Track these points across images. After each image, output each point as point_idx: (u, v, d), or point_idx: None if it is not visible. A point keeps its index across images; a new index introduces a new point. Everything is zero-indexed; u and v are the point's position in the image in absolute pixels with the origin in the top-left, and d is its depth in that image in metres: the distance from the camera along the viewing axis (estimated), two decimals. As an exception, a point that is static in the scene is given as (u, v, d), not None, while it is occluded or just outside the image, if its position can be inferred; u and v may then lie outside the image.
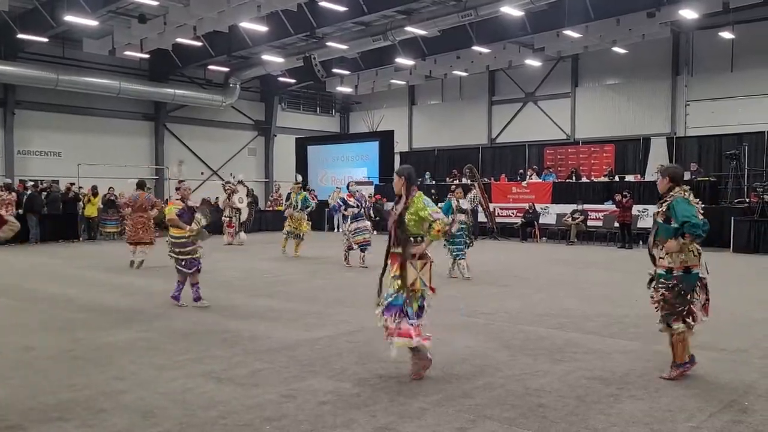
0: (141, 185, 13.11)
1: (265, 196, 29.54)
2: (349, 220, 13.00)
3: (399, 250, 5.16)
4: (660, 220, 5.17)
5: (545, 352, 6.12)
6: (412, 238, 5.15)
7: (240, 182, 19.20)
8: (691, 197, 5.14)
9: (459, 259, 11.01)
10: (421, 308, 5.21)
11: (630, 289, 10.10)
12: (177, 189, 9.03)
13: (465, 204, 11.47)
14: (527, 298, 9.35)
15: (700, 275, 5.13)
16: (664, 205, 5.15)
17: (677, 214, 4.95)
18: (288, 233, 15.14)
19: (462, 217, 11.03)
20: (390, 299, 5.13)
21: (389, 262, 5.27)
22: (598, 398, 4.75)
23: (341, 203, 13.23)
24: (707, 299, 5.21)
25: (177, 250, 8.40)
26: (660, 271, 5.18)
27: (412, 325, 5.06)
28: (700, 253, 5.12)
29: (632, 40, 21.88)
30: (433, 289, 5.29)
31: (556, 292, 9.93)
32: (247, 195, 19.61)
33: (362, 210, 13.06)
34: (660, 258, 5.17)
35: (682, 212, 4.93)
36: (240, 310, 8.27)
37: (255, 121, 31.55)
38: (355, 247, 12.82)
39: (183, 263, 8.39)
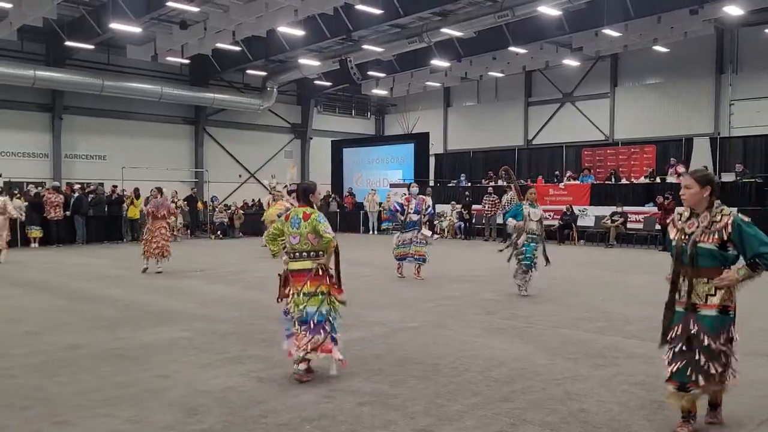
0: (159, 190, 12.89)
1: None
2: (401, 227, 11.61)
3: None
4: (711, 244, 3.85)
5: (585, 356, 6.04)
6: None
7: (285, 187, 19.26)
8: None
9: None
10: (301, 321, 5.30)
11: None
12: (271, 193, 8.93)
13: (537, 212, 9.60)
14: (565, 300, 9.24)
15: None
16: (718, 225, 3.85)
17: (748, 240, 3.75)
18: None
19: (533, 225, 9.38)
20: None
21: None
22: (642, 404, 4.67)
23: (398, 207, 11.71)
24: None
25: None
26: (710, 312, 3.90)
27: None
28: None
29: (674, 38, 21.46)
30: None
31: (595, 295, 9.81)
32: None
33: (420, 217, 11.50)
34: (709, 294, 3.91)
35: (758, 237, 3.75)
36: (278, 311, 8.36)
37: (291, 124, 31.86)
38: (404, 261, 11.56)
39: None
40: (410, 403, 4.67)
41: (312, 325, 5.18)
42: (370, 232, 24.65)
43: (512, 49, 22.56)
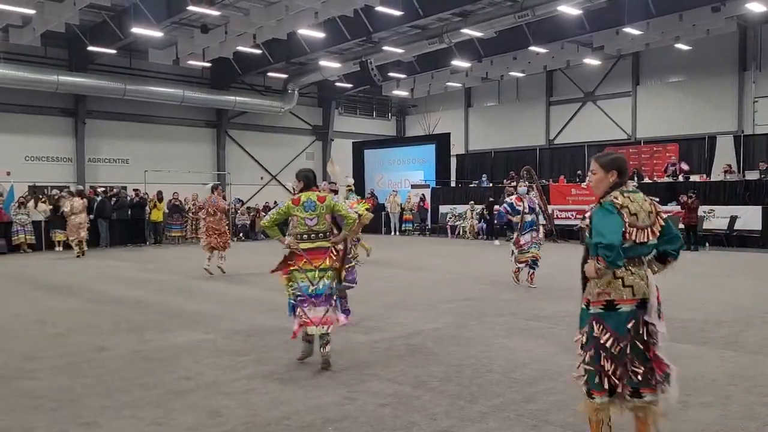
0: (213, 188, 13.01)
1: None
2: (517, 229, 10.62)
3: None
4: (587, 233, 3.54)
5: (608, 357, 5.99)
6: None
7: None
8: (638, 199, 3.46)
9: None
10: (296, 300, 5.70)
11: (696, 293, 9.81)
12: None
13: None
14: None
15: (647, 318, 3.44)
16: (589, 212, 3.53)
17: (593, 229, 3.40)
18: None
19: None
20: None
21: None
22: (665, 405, 4.62)
23: (508, 208, 10.74)
24: (655, 359, 3.44)
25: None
26: (582, 304, 3.57)
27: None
28: (634, 285, 3.41)
29: (696, 36, 21.21)
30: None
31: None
32: None
33: (535, 217, 10.57)
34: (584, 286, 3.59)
35: (597, 226, 3.36)
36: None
37: (313, 126, 31.99)
38: (521, 266, 10.51)
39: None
40: (432, 404, 4.67)
41: (324, 298, 5.62)
42: (392, 233, 24.65)
43: (533, 48, 22.46)
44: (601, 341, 3.35)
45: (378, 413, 4.49)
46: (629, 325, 3.38)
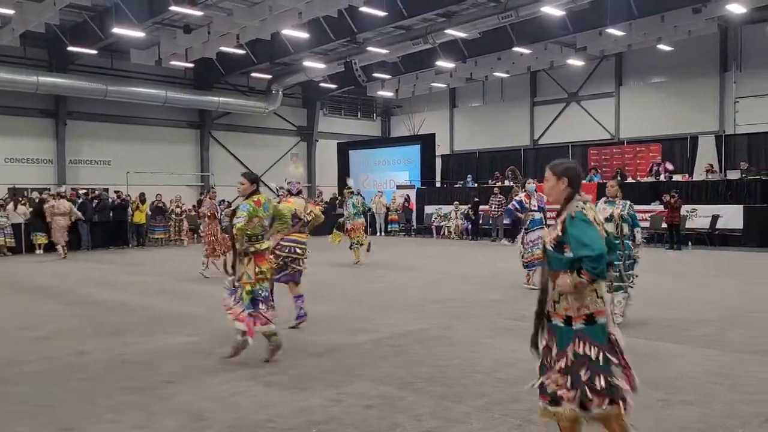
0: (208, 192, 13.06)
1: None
2: (525, 228, 10.43)
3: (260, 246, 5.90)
4: (550, 246, 3.32)
5: (592, 356, 6.01)
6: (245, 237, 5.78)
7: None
8: (596, 209, 3.44)
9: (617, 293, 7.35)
10: (254, 300, 5.78)
11: (679, 292, 9.90)
12: (278, 195, 8.69)
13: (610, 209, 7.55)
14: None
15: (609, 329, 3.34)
16: (558, 222, 3.31)
17: (571, 241, 3.19)
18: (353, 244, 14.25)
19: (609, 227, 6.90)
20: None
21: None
22: (648, 403, 4.64)
23: (517, 205, 10.51)
24: (626, 365, 3.39)
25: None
26: (556, 321, 3.33)
27: (249, 313, 5.74)
28: (604, 295, 3.34)
29: (678, 37, 21.39)
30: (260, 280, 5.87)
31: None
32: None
33: (543, 215, 10.34)
34: (555, 302, 3.32)
35: (580, 238, 3.16)
36: (285, 314, 8.35)
37: (297, 127, 31.89)
38: (534, 268, 9.92)
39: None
40: (417, 405, 4.66)
41: (263, 299, 5.85)
42: (378, 233, 24.64)
43: (517, 49, 22.53)
44: (592, 357, 3.23)
45: (363, 415, 4.48)
46: (608, 336, 3.31)
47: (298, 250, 7.50)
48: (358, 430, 4.20)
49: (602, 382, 3.21)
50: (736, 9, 18.08)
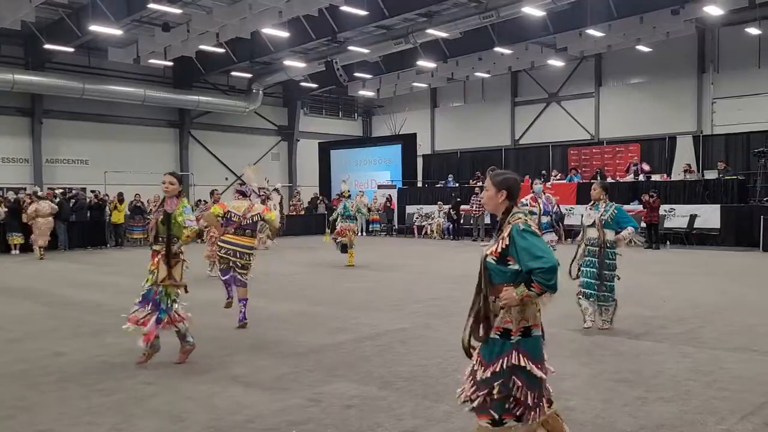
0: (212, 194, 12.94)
1: (289, 201, 29.72)
2: None
3: (157, 247, 5.85)
4: (492, 259, 3.22)
5: (572, 354, 6.06)
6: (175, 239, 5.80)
7: (276, 190, 19.13)
8: (533, 221, 3.34)
9: (600, 303, 7.09)
10: (174, 301, 5.88)
11: (657, 290, 10.00)
12: (259, 195, 8.82)
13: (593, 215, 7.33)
14: (552, 299, 9.24)
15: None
16: (502, 236, 3.20)
17: (520, 254, 3.09)
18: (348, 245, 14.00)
19: (592, 233, 7.19)
20: (144, 291, 5.87)
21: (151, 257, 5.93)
22: (626, 401, 4.69)
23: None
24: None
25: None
26: (492, 334, 3.27)
27: (161, 316, 5.75)
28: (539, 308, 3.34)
29: (656, 38, 21.62)
30: (179, 286, 5.90)
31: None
32: (280, 203, 19.52)
33: (550, 218, 9.78)
34: (496, 315, 3.25)
35: (530, 250, 3.07)
36: (264, 315, 8.32)
37: (278, 127, 31.75)
38: None
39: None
40: (398, 404, 4.65)
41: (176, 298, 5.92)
42: (359, 233, 24.57)
43: (497, 49, 22.63)
44: (527, 369, 3.19)
45: (343, 415, 4.46)
46: (542, 349, 3.28)
47: (238, 254, 7.42)
48: (338, 430, 4.18)
49: (527, 398, 3.17)
50: (714, 11, 18.32)
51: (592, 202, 7.46)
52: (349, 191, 15.31)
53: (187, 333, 5.94)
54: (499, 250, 3.17)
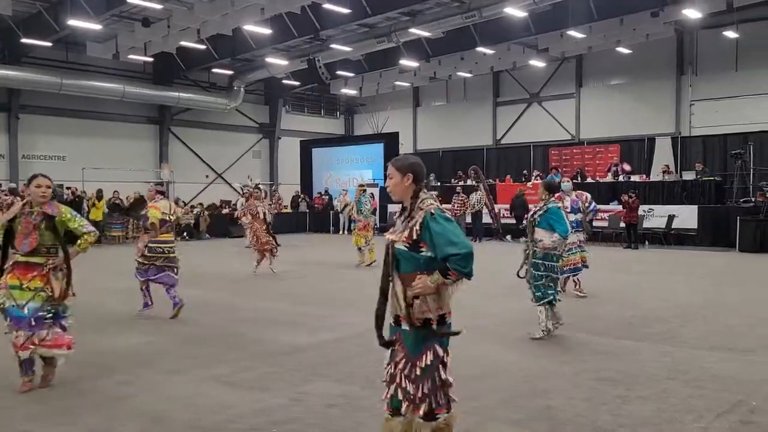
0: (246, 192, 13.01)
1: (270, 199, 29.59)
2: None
3: (39, 259, 5.00)
4: (403, 246, 3.13)
5: (553, 353, 6.10)
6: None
7: (256, 186, 19.02)
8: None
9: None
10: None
11: (636, 290, 10.10)
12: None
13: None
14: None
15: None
16: (412, 221, 3.12)
17: (436, 239, 3.01)
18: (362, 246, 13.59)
19: (555, 237, 6.80)
20: (41, 312, 5.01)
21: (16, 272, 5.02)
22: (606, 400, 4.73)
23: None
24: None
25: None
26: (406, 326, 3.22)
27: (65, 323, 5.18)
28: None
29: (636, 40, 21.83)
30: (70, 295, 5.19)
31: (562, 293, 9.87)
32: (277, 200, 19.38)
33: (583, 217, 9.57)
34: (409, 305, 3.19)
35: (446, 235, 3.01)
36: (246, 314, 8.28)
37: (259, 124, 31.57)
38: (578, 272, 9.26)
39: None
40: (381, 404, 4.63)
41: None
42: (341, 231, 24.57)
43: (480, 49, 22.70)
44: (445, 359, 3.24)
45: (325, 414, 4.45)
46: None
47: (166, 250, 7.98)
48: (321, 430, 4.17)
49: (448, 388, 3.25)
50: (693, 14, 18.54)
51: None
52: (365, 187, 15.09)
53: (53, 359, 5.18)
54: (413, 236, 3.08)
